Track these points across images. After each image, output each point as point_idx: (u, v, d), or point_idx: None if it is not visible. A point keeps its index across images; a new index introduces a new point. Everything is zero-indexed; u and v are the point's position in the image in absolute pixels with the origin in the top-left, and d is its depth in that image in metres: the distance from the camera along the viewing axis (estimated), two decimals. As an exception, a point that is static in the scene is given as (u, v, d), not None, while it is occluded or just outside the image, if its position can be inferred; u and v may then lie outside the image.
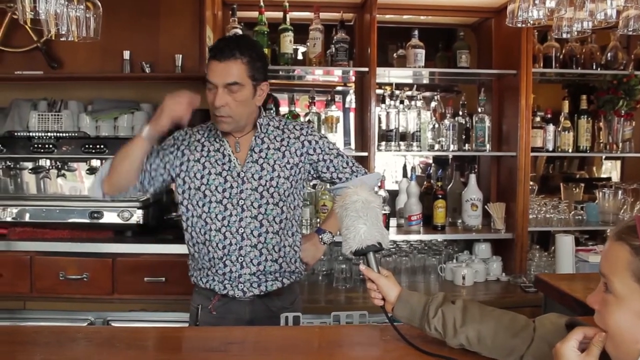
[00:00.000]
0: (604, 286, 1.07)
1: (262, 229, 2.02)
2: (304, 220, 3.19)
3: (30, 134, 3.09)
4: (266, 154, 2.05)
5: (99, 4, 1.96)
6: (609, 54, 3.41)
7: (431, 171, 3.71)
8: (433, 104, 3.57)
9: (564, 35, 2.08)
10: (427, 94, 3.84)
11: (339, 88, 4.50)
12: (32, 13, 1.71)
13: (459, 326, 1.44)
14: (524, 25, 1.93)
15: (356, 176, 2.14)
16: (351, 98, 3.81)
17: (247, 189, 2.01)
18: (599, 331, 1.07)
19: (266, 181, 2.02)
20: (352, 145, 3.72)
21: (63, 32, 1.84)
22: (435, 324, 1.48)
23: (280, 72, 3.37)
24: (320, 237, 2.22)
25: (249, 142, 2.06)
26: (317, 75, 3.80)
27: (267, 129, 2.09)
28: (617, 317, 1.03)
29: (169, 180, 2.08)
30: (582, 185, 3.78)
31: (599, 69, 3.41)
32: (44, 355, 1.49)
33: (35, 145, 3.06)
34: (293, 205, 2.11)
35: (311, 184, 3.21)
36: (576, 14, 1.83)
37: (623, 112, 3.37)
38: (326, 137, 2.18)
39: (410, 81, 3.70)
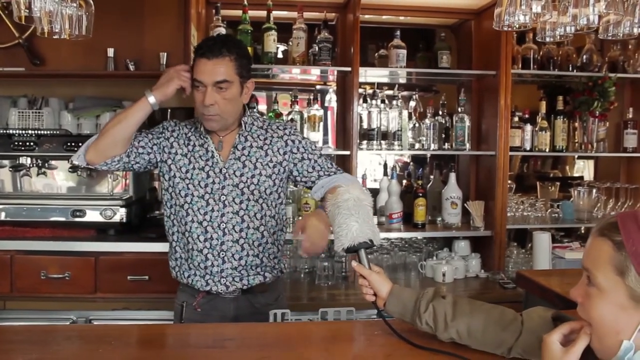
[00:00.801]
0: (586, 280, 1.12)
1: (243, 224, 2.05)
2: (285, 219, 3.19)
3: (10, 131, 3.05)
4: (249, 152, 2.08)
5: (91, 2, 1.96)
6: (584, 57, 3.50)
7: (410, 170, 3.76)
8: (412, 103, 3.62)
9: (547, 39, 2.14)
10: (405, 93, 3.89)
11: (318, 87, 4.53)
12: (27, 11, 1.71)
13: (449, 320, 1.49)
14: (510, 29, 1.99)
15: (341, 173, 2.15)
16: (330, 97, 3.83)
17: (228, 184, 2.04)
18: (586, 324, 1.13)
19: (247, 178, 2.05)
20: (330, 144, 3.74)
21: (56, 30, 1.84)
22: (426, 319, 1.52)
23: (266, 71, 3.38)
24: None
25: (232, 140, 2.08)
26: (295, 74, 3.82)
27: (251, 128, 2.12)
28: (600, 309, 1.08)
29: (153, 162, 2.10)
30: (558, 184, 3.87)
31: (574, 70, 3.51)
32: (26, 355, 1.48)
33: (16, 143, 3.01)
34: (275, 203, 2.13)
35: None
36: (559, 19, 1.90)
37: (597, 112, 3.46)
38: (308, 138, 2.23)
39: (388, 81, 3.75)
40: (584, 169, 4.40)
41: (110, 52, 3.03)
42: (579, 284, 1.16)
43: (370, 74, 3.58)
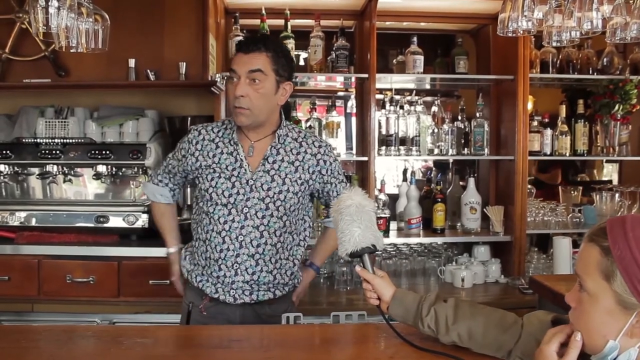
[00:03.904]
0: (579, 285, 1.13)
1: (261, 239, 2.03)
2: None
3: (38, 140, 3.15)
4: (279, 166, 2.04)
5: (107, 16, 2.03)
6: (605, 59, 3.46)
7: (431, 175, 3.76)
8: (434, 108, 3.62)
9: (554, 44, 2.13)
10: (428, 98, 3.90)
11: (340, 93, 4.56)
12: (45, 27, 1.78)
13: (450, 323, 1.50)
14: (514, 35, 1.99)
15: None
16: (352, 103, 3.86)
17: (253, 197, 2.01)
18: (576, 331, 1.13)
19: (274, 193, 2.02)
20: (354, 151, 3.78)
21: (73, 45, 1.91)
22: (428, 322, 1.54)
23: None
24: (317, 274, 2.44)
25: (264, 149, 2.05)
26: (318, 81, 3.87)
27: (284, 140, 2.08)
28: (591, 314, 1.09)
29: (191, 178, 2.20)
30: (580, 188, 3.83)
31: (595, 73, 3.47)
32: (43, 353, 1.56)
33: (43, 152, 3.11)
34: (296, 219, 2.12)
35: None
36: (565, 23, 1.90)
37: (619, 116, 3.42)
38: (338, 160, 2.18)
39: (411, 86, 3.77)
40: (613, 172, 4.34)
41: (132, 62, 3.11)
42: (573, 289, 1.17)
43: (388, 80, 3.61)
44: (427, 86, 3.89)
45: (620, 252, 1.04)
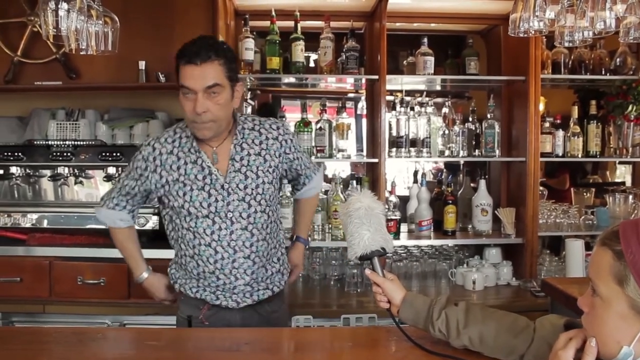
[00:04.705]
0: (591, 290, 1.11)
1: (253, 238, 2.00)
2: (315, 226, 3.24)
3: (49, 142, 3.17)
4: (248, 161, 2.00)
5: (117, 18, 2.03)
6: (617, 59, 3.42)
7: (442, 177, 3.74)
8: (444, 110, 3.60)
9: (566, 44, 2.10)
10: (439, 100, 3.89)
11: (350, 95, 4.56)
12: (55, 30, 1.79)
13: (462, 327, 1.49)
14: (526, 35, 1.97)
15: (313, 173, 2.28)
16: (363, 105, 3.85)
17: (233, 200, 1.96)
18: (591, 336, 1.11)
19: (252, 189, 1.99)
20: (364, 152, 3.77)
21: (83, 47, 1.91)
22: (439, 326, 1.53)
23: (302, 80, 3.44)
24: (306, 247, 2.39)
25: (228, 151, 2.00)
26: (329, 82, 3.86)
27: (243, 134, 2.03)
28: (604, 319, 1.07)
29: (153, 197, 2.11)
30: (593, 190, 3.79)
31: (607, 74, 3.43)
32: (62, 354, 1.56)
33: (54, 154, 3.14)
34: (275, 206, 2.11)
35: (323, 190, 3.25)
36: (577, 23, 1.87)
37: (632, 116, 3.37)
38: (294, 133, 2.23)
39: (422, 87, 3.75)
40: (626, 174, 4.30)
41: (142, 64, 3.12)
42: (585, 293, 1.15)
43: (399, 82, 3.59)
44: (438, 87, 3.87)
45: (633, 256, 1.02)
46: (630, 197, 3.48)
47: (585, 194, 3.73)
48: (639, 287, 1.02)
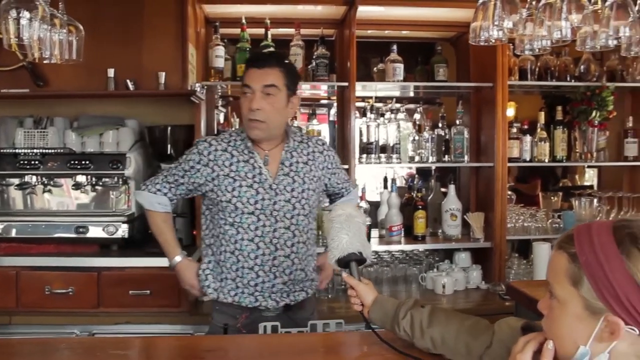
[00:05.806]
0: (549, 293, 1.14)
1: (294, 239, 2.13)
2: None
3: (17, 150, 3.13)
4: (296, 168, 2.15)
5: (81, 27, 2.02)
6: (582, 67, 3.51)
7: (413, 183, 3.78)
8: (416, 116, 3.64)
9: (526, 52, 2.16)
10: (411, 106, 3.93)
11: (324, 101, 4.58)
12: (17, 39, 1.77)
13: (425, 327, 1.53)
14: (486, 44, 2.02)
15: (351, 187, 2.41)
16: (336, 112, 3.87)
17: (280, 200, 2.10)
18: (549, 339, 1.14)
19: (298, 193, 2.13)
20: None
21: (46, 56, 1.90)
22: (404, 325, 1.57)
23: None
24: None
25: (279, 156, 2.15)
26: (303, 89, 3.87)
27: (294, 144, 2.19)
28: (561, 320, 1.10)
29: (197, 192, 2.20)
30: (560, 194, 3.86)
31: (572, 80, 3.51)
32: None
33: (22, 162, 3.09)
34: (315, 216, 2.25)
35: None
36: (536, 32, 1.92)
37: (596, 122, 3.46)
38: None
39: (395, 94, 3.79)
40: (594, 177, 4.39)
41: (111, 72, 3.09)
42: (545, 296, 1.18)
43: (373, 88, 3.63)
44: (411, 94, 3.91)
45: (586, 257, 1.05)
46: (595, 200, 3.55)
47: (553, 197, 3.80)
48: (592, 288, 1.05)
